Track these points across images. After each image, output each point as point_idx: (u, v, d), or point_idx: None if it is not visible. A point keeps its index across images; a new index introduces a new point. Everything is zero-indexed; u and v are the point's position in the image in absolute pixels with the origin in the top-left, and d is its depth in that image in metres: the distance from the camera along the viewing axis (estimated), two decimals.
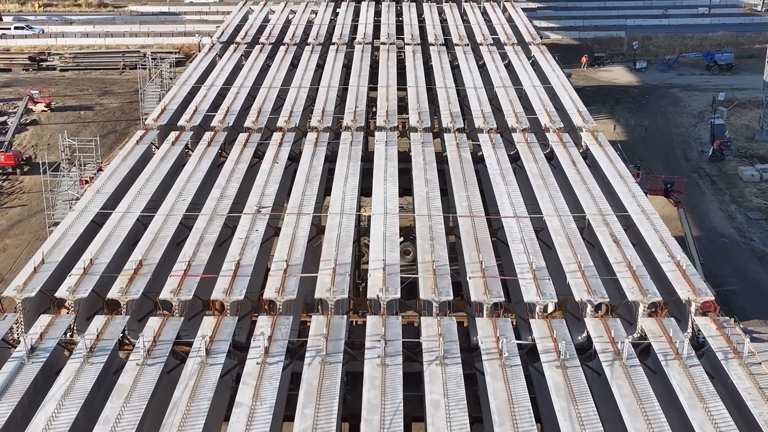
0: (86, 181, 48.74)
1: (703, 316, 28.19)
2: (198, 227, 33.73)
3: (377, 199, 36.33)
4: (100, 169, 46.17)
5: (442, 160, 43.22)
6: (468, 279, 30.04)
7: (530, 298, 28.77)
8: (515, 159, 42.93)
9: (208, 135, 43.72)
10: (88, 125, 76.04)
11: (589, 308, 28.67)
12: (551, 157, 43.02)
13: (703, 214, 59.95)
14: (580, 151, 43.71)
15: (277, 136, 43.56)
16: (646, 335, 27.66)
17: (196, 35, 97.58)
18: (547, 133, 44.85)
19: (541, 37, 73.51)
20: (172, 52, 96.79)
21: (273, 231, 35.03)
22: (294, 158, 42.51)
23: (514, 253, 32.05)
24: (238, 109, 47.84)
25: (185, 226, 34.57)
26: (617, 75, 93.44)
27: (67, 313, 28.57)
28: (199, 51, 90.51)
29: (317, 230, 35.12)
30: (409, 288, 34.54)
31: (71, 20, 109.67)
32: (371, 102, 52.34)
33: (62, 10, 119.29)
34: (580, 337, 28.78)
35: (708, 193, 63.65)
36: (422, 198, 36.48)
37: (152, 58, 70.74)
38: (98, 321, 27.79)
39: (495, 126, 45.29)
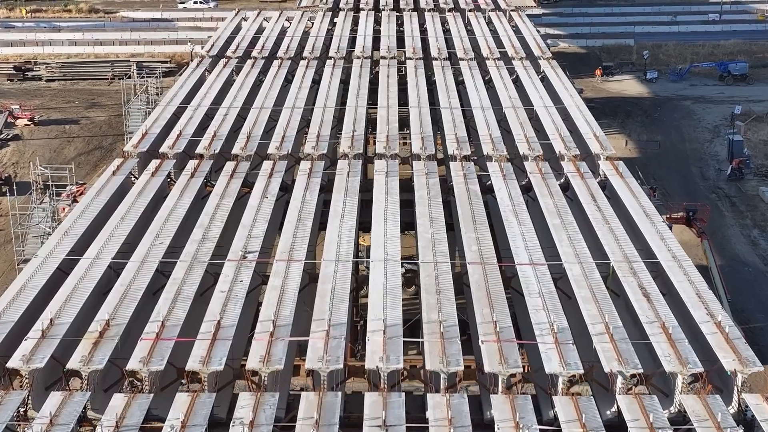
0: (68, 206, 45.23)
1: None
2: (175, 277, 30.01)
3: (377, 242, 32.61)
4: (75, 200, 42.46)
5: (447, 188, 39.66)
6: (480, 343, 26.33)
7: (552, 369, 25.08)
8: (527, 189, 39.29)
9: (192, 164, 40.01)
10: (72, 141, 72.35)
11: (619, 380, 24.97)
12: (566, 187, 39.39)
13: (723, 240, 56.24)
14: (598, 180, 40.08)
15: (267, 165, 39.86)
16: (686, 414, 23.97)
17: (189, 43, 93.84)
18: (561, 161, 41.13)
19: (548, 47, 70.04)
20: (163, 61, 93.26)
21: (260, 279, 31.33)
22: (286, 188, 38.89)
23: (531, 310, 28.35)
24: (226, 132, 44.14)
25: (162, 274, 30.89)
26: (627, 86, 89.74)
27: (21, 386, 24.84)
28: (191, 60, 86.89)
29: (309, 278, 31.45)
30: (413, 327, 30.91)
31: (60, 27, 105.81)
32: (370, 122, 48.74)
33: (51, 16, 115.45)
34: (609, 412, 25.12)
35: (728, 217, 59.95)
36: (427, 240, 32.75)
37: (138, 72, 66.98)
38: (54, 398, 24.04)
39: (505, 153, 41.57)
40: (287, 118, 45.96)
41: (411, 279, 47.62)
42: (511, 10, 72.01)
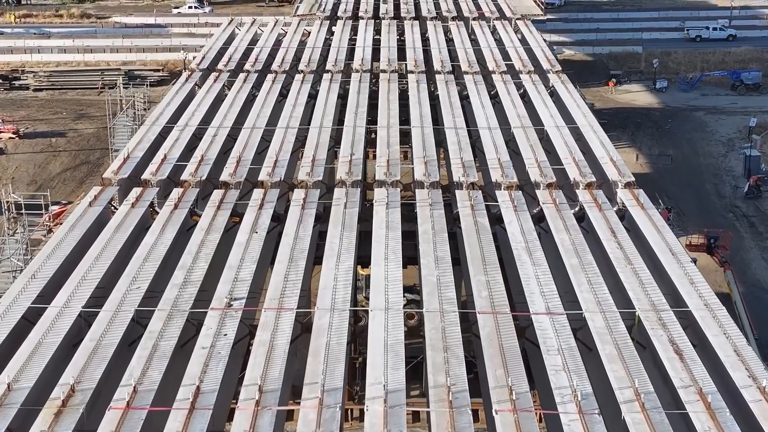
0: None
1: None
2: (152, 330, 26.91)
3: (377, 286, 29.49)
4: (50, 230, 39.36)
5: (452, 217, 36.62)
6: (494, 414, 23.23)
7: None
8: (539, 219, 36.24)
9: (176, 193, 36.90)
10: (58, 155, 69.25)
11: None
12: (581, 217, 36.32)
13: (743, 265, 53.12)
14: (615, 208, 37.01)
15: (258, 195, 36.74)
16: None
17: (182, 51, 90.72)
18: (576, 189, 38.02)
19: (555, 55, 67.04)
20: (155, 70, 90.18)
21: (247, 329, 28.24)
22: (278, 218, 35.86)
23: (550, 370, 25.27)
24: (214, 156, 41.03)
25: (138, 324, 27.83)
26: (636, 95, 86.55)
27: None
28: (185, 68, 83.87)
29: (302, 328, 28.36)
30: (415, 367, 28.46)
31: (49, 33, 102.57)
32: (370, 142, 45.71)
33: (42, 21, 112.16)
34: None
35: (747, 238, 56.82)
36: (432, 285, 29.64)
37: (125, 84, 63.82)
38: None
39: (515, 180, 38.44)
40: (281, 140, 42.84)
41: (413, 307, 45.58)
42: (517, 19, 68.84)
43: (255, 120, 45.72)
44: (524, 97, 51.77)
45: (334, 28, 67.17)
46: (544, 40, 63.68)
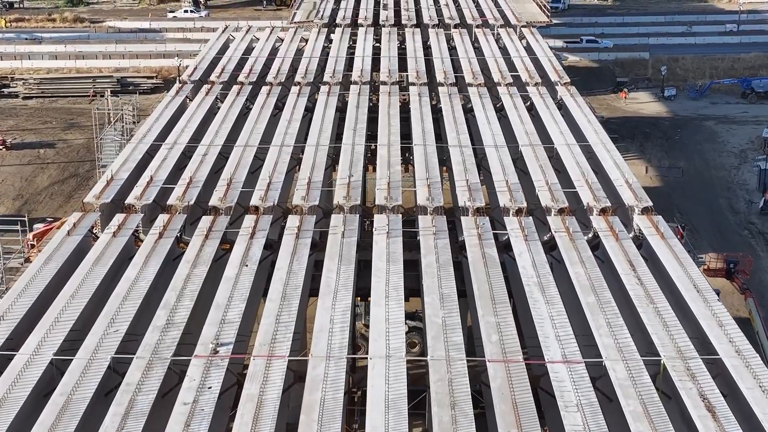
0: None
1: None
2: (129, 382, 24.45)
3: (377, 330, 27.01)
4: (27, 260, 36.88)
5: (458, 245, 34.23)
6: None
7: None
8: (551, 247, 33.82)
9: (162, 219, 34.40)
10: (47, 167, 66.80)
11: None
12: (596, 246, 33.89)
13: (761, 287, 50.61)
14: (632, 235, 34.58)
15: (249, 221, 34.26)
16: None
17: (176, 57, 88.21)
18: (590, 215, 35.55)
19: (560, 61, 64.67)
20: (148, 77, 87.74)
21: (235, 378, 25.78)
22: (270, 247, 33.46)
23: (568, 429, 22.80)
24: (204, 177, 38.57)
25: (116, 372, 25.39)
26: (644, 104, 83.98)
27: None
28: (179, 75, 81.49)
29: (295, 376, 25.92)
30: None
31: (41, 39, 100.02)
32: (369, 160, 43.33)
33: (34, 26, 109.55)
34: None
35: (764, 257, 54.33)
36: (437, 328, 27.16)
37: (116, 91, 61.23)
38: None
39: (524, 205, 35.94)
40: (275, 159, 40.39)
41: (415, 335, 43.17)
42: (522, 26, 66.31)
43: (248, 137, 43.25)
44: (531, 109, 49.35)
45: (332, 36, 64.75)
46: (551, 48, 61.07)
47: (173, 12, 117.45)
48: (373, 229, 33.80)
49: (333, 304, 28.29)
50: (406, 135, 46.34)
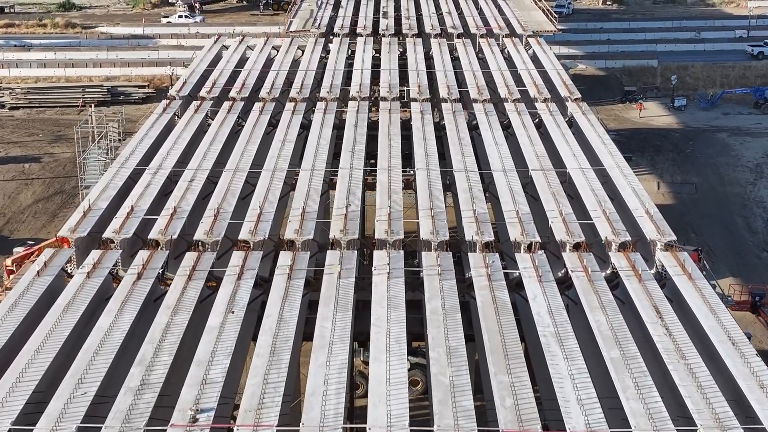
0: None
1: None
2: None
3: (376, 393, 24.08)
4: (5, 288, 33.84)
5: (465, 284, 31.41)
6: None
7: None
8: (567, 286, 30.98)
9: (141, 257, 31.48)
10: (31, 183, 63.84)
11: None
12: (615, 284, 31.04)
13: None
14: (653, 270, 31.75)
15: (237, 259, 31.38)
16: None
17: (169, 65, 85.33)
18: (609, 250, 32.65)
19: (567, 69, 61.89)
20: (140, 86, 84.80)
21: None
22: (261, 284, 30.68)
23: None
24: (190, 206, 35.69)
25: None
26: (653, 114, 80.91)
27: None
28: (171, 84, 78.61)
29: None
30: None
31: (30, 45, 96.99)
32: (368, 185, 40.49)
33: (24, 32, 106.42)
34: None
35: None
36: (444, 390, 24.23)
37: (106, 101, 58.04)
38: None
39: (537, 239, 33.03)
40: (266, 186, 37.53)
41: (417, 373, 40.32)
42: (528, 36, 63.35)
43: (239, 160, 40.35)
44: (540, 127, 46.48)
45: (330, 46, 61.83)
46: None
47: (167, 17, 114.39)
48: (373, 268, 30.88)
49: (327, 360, 25.38)
50: (407, 154, 43.72)
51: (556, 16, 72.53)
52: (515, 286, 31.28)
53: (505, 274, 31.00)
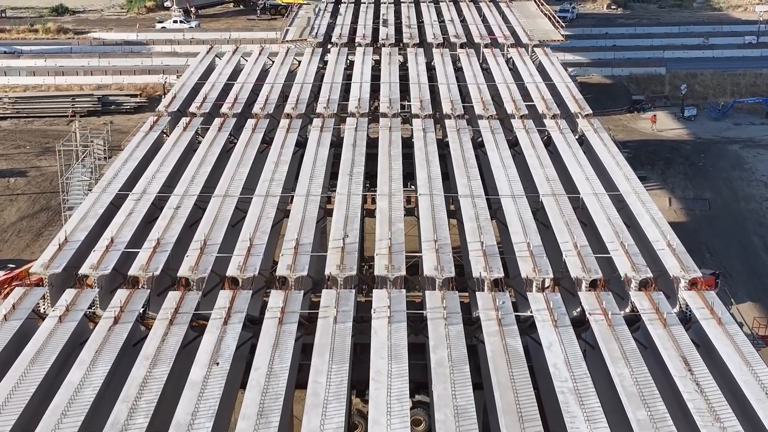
0: None
1: None
2: None
3: None
4: None
5: (472, 323, 28.90)
6: None
7: None
8: (583, 327, 28.42)
9: (120, 298, 28.89)
10: (16, 199, 61.26)
11: None
12: (637, 326, 28.50)
13: None
14: (677, 310, 29.21)
15: (224, 299, 28.83)
16: None
17: (162, 73, 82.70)
18: (629, 289, 30.06)
19: (574, 80, 59.40)
20: (132, 95, 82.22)
21: None
22: (250, 325, 28.14)
23: None
24: (175, 236, 33.11)
25: None
26: (662, 125, 78.20)
27: None
28: (165, 94, 76.16)
29: None
30: None
31: (20, 52, 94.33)
32: (368, 211, 37.98)
33: (15, 37, 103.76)
34: None
35: None
36: None
37: (96, 110, 55.40)
38: None
39: (550, 274, 30.45)
40: (258, 214, 34.92)
41: (420, 411, 37.75)
42: (535, 46, 60.73)
43: (228, 184, 37.75)
44: (548, 144, 43.92)
45: (327, 56, 59.26)
46: (565, 66, 55.45)
47: (162, 22, 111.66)
48: (372, 311, 28.26)
49: (322, 423, 22.75)
50: (409, 174, 41.26)
51: (563, 24, 69.71)
52: (528, 328, 28.74)
53: (516, 316, 28.42)
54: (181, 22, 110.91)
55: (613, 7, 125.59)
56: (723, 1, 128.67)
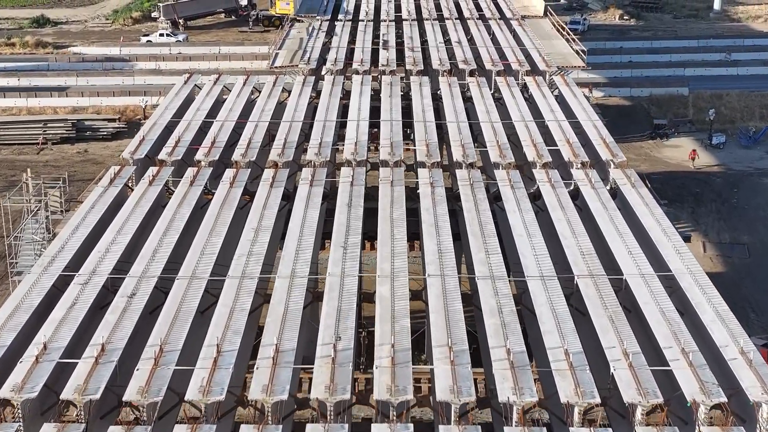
0: None
1: None
2: None
3: None
4: None
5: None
6: None
7: None
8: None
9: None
10: None
11: None
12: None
13: None
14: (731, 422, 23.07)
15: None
16: None
17: (143, 95, 76.23)
18: (696, 418, 23.59)
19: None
20: (110, 119, 75.71)
21: None
22: None
23: None
24: (123, 343, 26.61)
25: None
26: (688, 154, 71.50)
27: None
28: (144, 119, 69.94)
29: None
30: None
31: None
32: (366, 293, 31.74)
33: None
34: None
35: None
36: None
37: (68, 137, 48.52)
38: None
39: (596, 399, 23.98)
40: (230, 304, 28.47)
41: None
42: (554, 74, 54.22)
43: (197, 262, 31.28)
44: (576, 198, 37.54)
45: (321, 84, 52.84)
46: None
47: (148, 36, 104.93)
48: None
49: None
50: (414, 235, 35.08)
51: (584, 49, 63.12)
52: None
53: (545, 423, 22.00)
54: (167, 35, 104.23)
55: (626, 18, 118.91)
56: (741, 12, 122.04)
